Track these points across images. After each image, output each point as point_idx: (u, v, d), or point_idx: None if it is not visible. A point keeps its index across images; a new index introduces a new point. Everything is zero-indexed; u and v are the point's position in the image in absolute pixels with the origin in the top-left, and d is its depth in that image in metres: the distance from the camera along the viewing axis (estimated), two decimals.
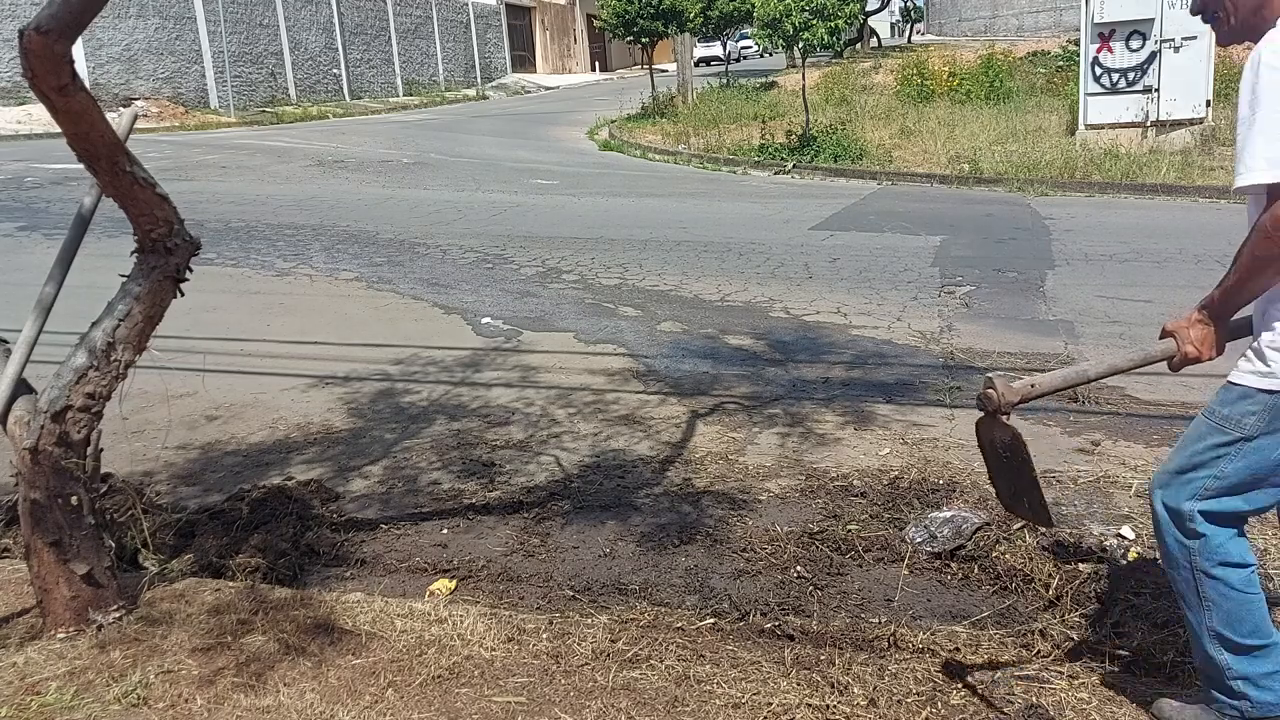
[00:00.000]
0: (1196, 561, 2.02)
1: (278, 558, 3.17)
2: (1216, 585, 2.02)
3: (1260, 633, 2.03)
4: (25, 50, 1.99)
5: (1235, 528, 2.03)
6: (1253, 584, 2.02)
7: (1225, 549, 2.01)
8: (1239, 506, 2.00)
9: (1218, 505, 1.98)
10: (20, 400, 2.58)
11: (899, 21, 42.10)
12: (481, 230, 9.48)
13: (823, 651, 2.55)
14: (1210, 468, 1.98)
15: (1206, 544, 2.01)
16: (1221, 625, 2.04)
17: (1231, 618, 2.02)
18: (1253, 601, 2.02)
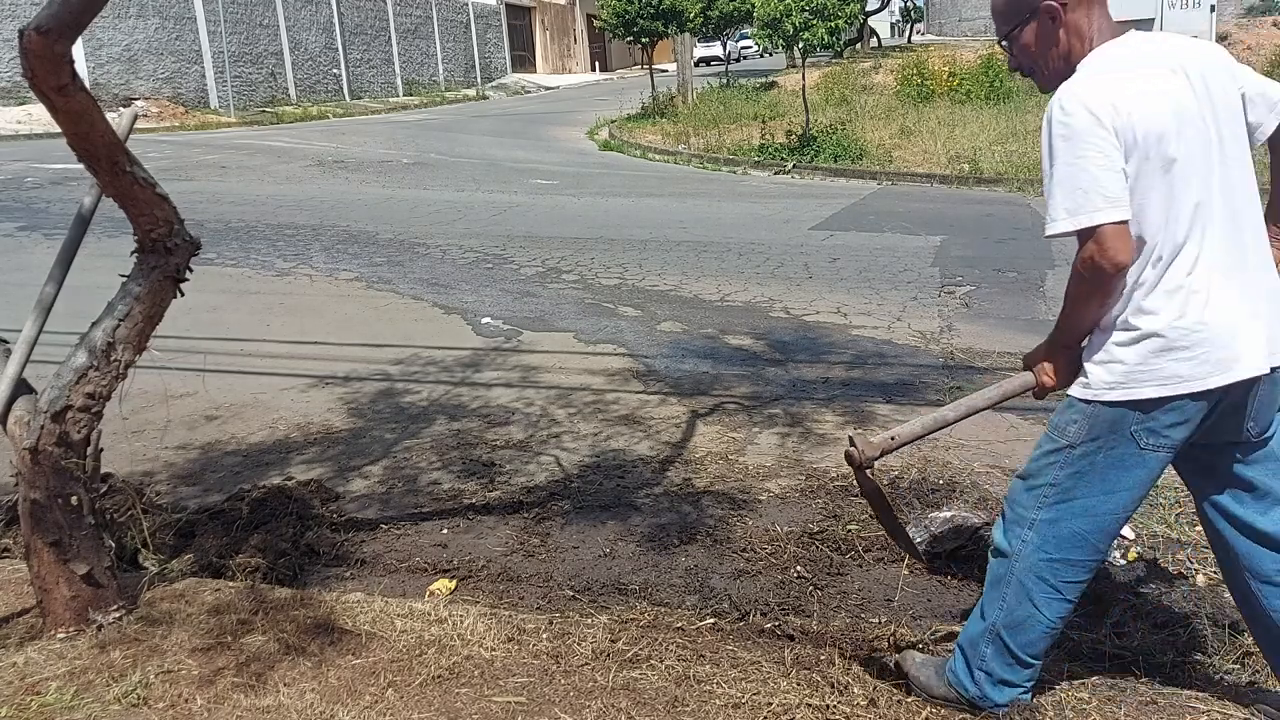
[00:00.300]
0: (1017, 564, 2.08)
1: (278, 558, 3.17)
2: (1022, 593, 2.07)
3: (1031, 650, 2.11)
4: (25, 50, 1.99)
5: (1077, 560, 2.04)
6: (1056, 610, 2.07)
7: (1053, 569, 2.04)
8: (1080, 526, 2.01)
9: (1057, 514, 2.02)
10: (20, 400, 2.58)
11: (899, 21, 42.11)
12: (481, 230, 9.48)
13: (823, 651, 2.55)
14: (1046, 475, 2.03)
15: (1036, 554, 2.05)
16: (1004, 625, 2.11)
17: (1017, 625, 2.09)
18: (1044, 624, 2.08)
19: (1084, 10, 1.99)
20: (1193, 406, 1.88)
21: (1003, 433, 4.37)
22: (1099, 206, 1.82)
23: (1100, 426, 1.94)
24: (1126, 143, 1.84)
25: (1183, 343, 1.85)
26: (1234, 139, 1.92)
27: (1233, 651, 2.48)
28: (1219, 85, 1.93)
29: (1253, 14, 25.79)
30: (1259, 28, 20.97)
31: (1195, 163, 1.86)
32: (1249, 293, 1.87)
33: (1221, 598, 2.67)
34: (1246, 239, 1.90)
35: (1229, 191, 1.88)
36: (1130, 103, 1.85)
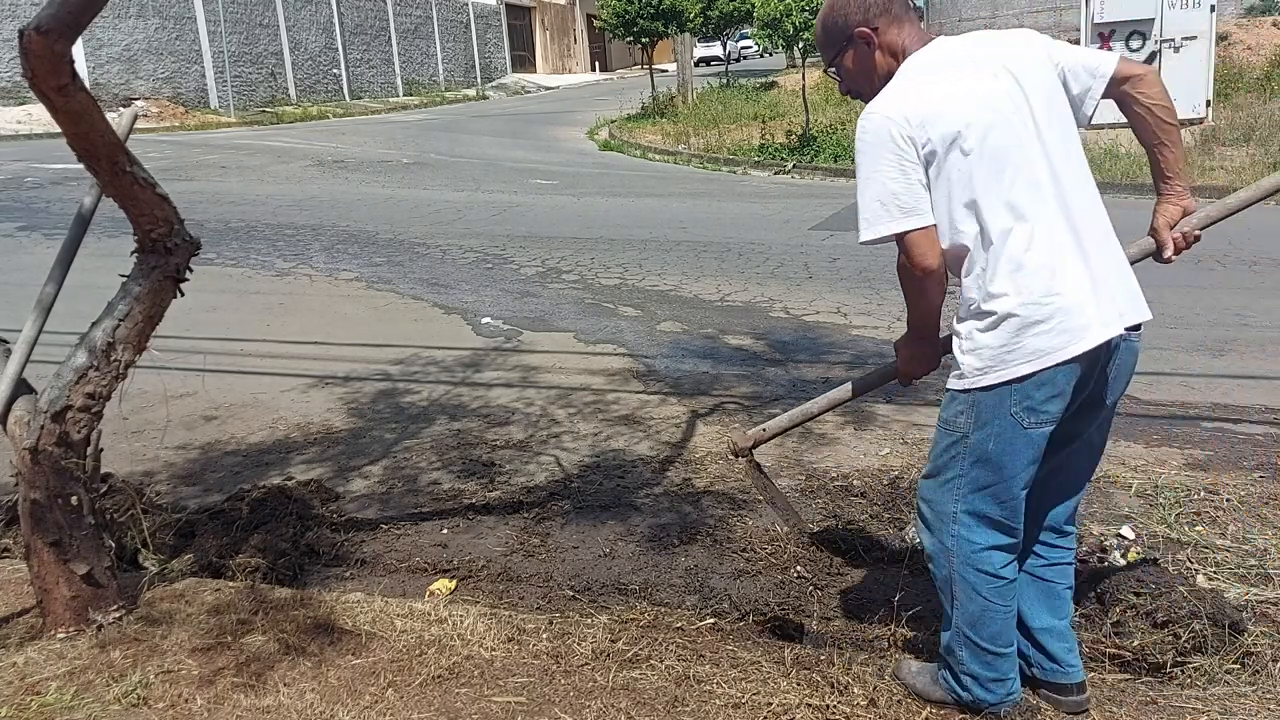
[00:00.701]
0: (954, 562, 2.14)
1: (278, 558, 3.17)
2: (968, 588, 2.13)
3: (999, 640, 2.15)
4: (25, 50, 1.99)
5: (1000, 544, 2.11)
6: (1003, 595, 2.13)
7: (981, 556, 2.11)
8: (995, 511, 2.09)
9: (972, 503, 2.09)
10: (20, 400, 2.59)
11: None
12: (481, 230, 9.48)
13: (823, 651, 2.55)
14: (952, 468, 2.11)
15: (966, 546, 2.12)
16: (965, 624, 2.16)
17: (976, 620, 2.14)
18: (998, 610, 2.13)
19: (895, 30, 2.10)
20: (1062, 377, 1.95)
21: None
22: (895, 217, 1.97)
23: (985, 413, 2.02)
24: (925, 149, 1.95)
25: (1037, 317, 1.92)
26: (1057, 120, 2.00)
27: (1233, 651, 2.48)
28: (1033, 71, 2.01)
29: (1253, 14, 25.78)
30: (1259, 28, 20.93)
31: (1015, 150, 1.94)
32: (1091, 263, 1.95)
33: (1221, 598, 2.67)
34: (1080, 214, 1.97)
35: (1055, 172, 1.96)
36: (926, 109, 1.95)
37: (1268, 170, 11.44)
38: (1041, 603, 2.28)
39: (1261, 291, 6.77)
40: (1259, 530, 3.28)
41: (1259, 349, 5.49)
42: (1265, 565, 3.01)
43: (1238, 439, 4.21)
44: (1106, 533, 3.29)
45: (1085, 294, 1.93)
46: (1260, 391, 4.81)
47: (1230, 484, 3.67)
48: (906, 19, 2.11)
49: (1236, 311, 6.24)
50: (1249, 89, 15.89)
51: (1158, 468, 3.89)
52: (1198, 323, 6.06)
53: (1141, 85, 2.07)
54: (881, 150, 1.97)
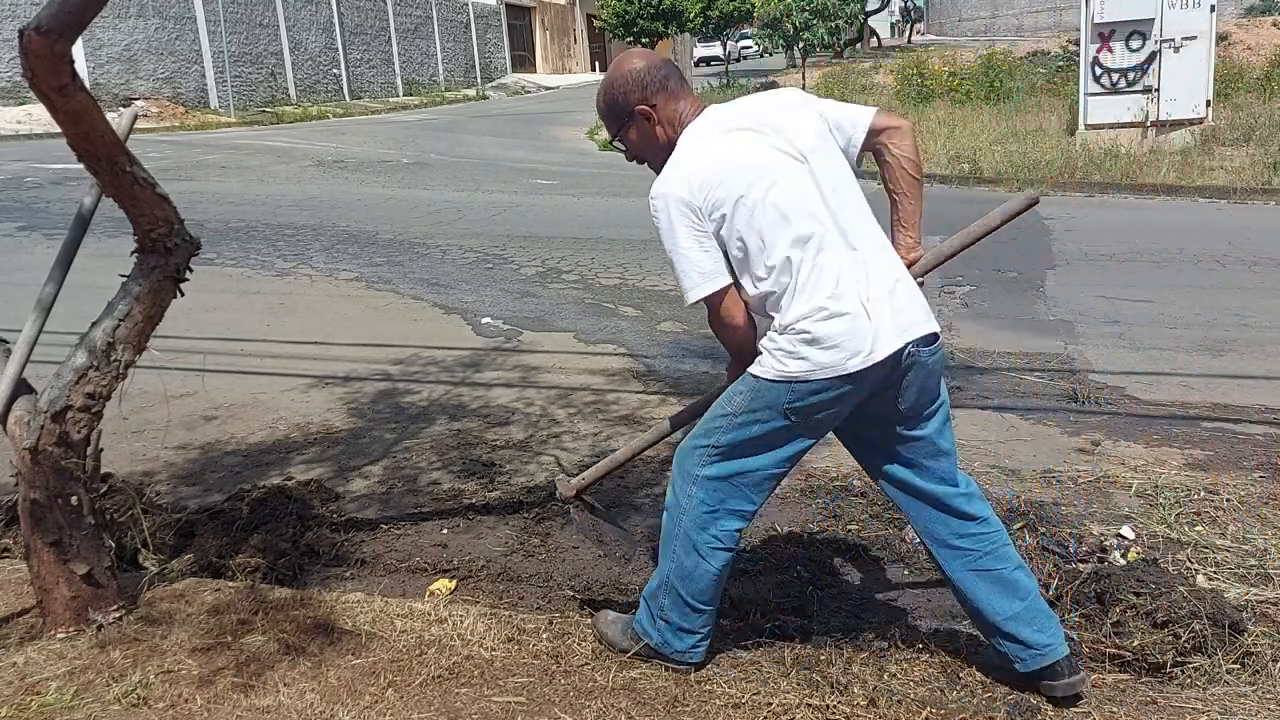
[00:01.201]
0: (684, 519, 2.33)
1: (278, 558, 3.17)
2: (688, 545, 2.33)
3: (702, 598, 2.36)
4: (25, 50, 1.99)
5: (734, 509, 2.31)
6: (718, 559, 2.33)
7: (715, 521, 2.31)
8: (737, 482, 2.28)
9: (717, 471, 2.28)
10: (20, 400, 2.59)
11: (899, 21, 42.07)
12: (481, 230, 9.48)
13: (823, 651, 2.55)
14: (711, 437, 2.28)
15: (699, 507, 2.30)
16: (676, 576, 2.36)
17: (687, 575, 2.35)
18: (709, 573, 2.34)
19: (672, 104, 2.29)
20: (836, 389, 2.13)
21: (1003, 433, 4.38)
22: (697, 283, 2.18)
23: (760, 400, 2.19)
24: (713, 215, 2.15)
25: (821, 333, 2.10)
26: (828, 165, 2.21)
27: (1233, 651, 2.48)
28: (799, 126, 2.22)
29: (1253, 14, 25.78)
30: (1259, 28, 20.94)
31: (790, 195, 2.13)
32: (872, 287, 2.13)
33: (1221, 598, 2.67)
34: (859, 245, 2.17)
35: (833, 211, 2.16)
36: (708, 178, 2.14)
37: (1267, 170, 11.43)
38: (996, 592, 2.32)
39: (1261, 291, 6.77)
40: (1259, 530, 3.28)
41: (1259, 349, 5.49)
42: (1265, 565, 3.01)
43: (1238, 439, 4.21)
44: (1106, 533, 3.29)
45: (865, 316, 2.10)
46: (1260, 391, 4.81)
47: (1230, 484, 3.67)
48: (681, 93, 2.31)
49: (1236, 311, 6.24)
50: (1249, 89, 15.89)
51: (1158, 468, 3.89)
52: (1198, 323, 6.06)
53: (895, 137, 2.28)
54: (676, 225, 2.16)
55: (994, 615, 2.31)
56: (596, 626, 2.57)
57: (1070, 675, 2.28)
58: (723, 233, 2.16)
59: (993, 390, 4.96)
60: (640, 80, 2.28)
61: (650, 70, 2.29)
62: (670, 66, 2.35)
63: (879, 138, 2.28)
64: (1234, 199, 10.82)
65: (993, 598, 2.32)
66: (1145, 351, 5.54)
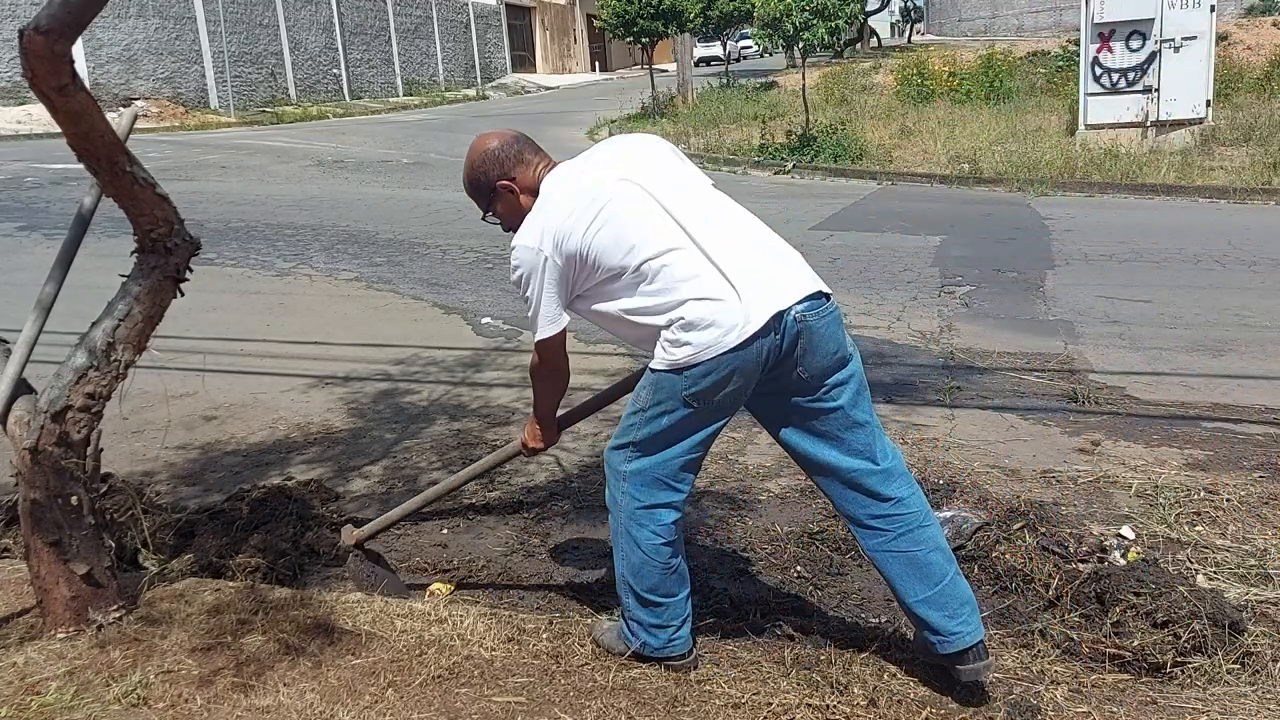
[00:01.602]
0: (621, 516, 2.41)
1: (278, 558, 3.17)
2: (631, 541, 2.39)
3: (658, 591, 2.41)
4: (25, 50, 1.99)
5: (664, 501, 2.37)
6: (660, 552, 2.39)
7: (649, 514, 2.37)
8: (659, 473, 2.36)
9: (640, 466, 2.36)
10: (20, 400, 2.58)
11: (899, 21, 42.06)
12: (481, 230, 9.42)
13: (823, 651, 2.55)
14: (628, 435, 2.38)
15: (632, 503, 2.38)
16: (628, 574, 2.43)
17: (636, 571, 2.41)
18: (655, 565, 2.39)
19: (529, 171, 2.48)
20: (726, 367, 2.21)
21: (1003, 433, 4.38)
22: (544, 327, 2.37)
23: (662, 392, 2.29)
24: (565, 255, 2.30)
25: (693, 317, 2.20)
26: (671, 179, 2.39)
27: (1233, 651, 2.48)
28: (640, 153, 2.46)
29: (1253, 14, 25.77)
30: (1259, 28, 20.93)
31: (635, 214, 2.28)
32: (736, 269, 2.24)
33: (1221, 598, 2.67)
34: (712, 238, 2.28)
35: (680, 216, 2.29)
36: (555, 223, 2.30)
37: (1267, 170, 11.43)
38: (910, 576, 2.35)
39: (1261, 291, 6.77)
40: (1259, 530, 3.29)
41: (1259, 349, 5.49)
42: (1265, 565, 3.01)
43: (1238, 439, 4.21)
44: (1106, 533, 3.30)
45: (732, 293, 2.20)
46: (1260, 391, 4.81)
47: (1230, 484, 3.67)
48: (535, 159, 2.51)
49: (1236, 311, 6.24)
50: (1249, 89, 15.90)
51: (1158, 468, 3.89)
52: (1198, 323, 6.06)
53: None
54: (532, 272, 2.33)
55: (907, 597, 2.36)
56: (593, 635, 2.60)
57: (974, 661, 2.29)
58: (582, 265, 2.31)
59: (993, 390, 4.97)
60: (496, 158, 2.47)
61: (504, 147, 2.48)
62: (523, 139, 2.55)
63: None
64: (1234, 199, 10.83)
65: (904, 579, 2.35)
66: (1145, 351, 5.54)
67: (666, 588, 2.42)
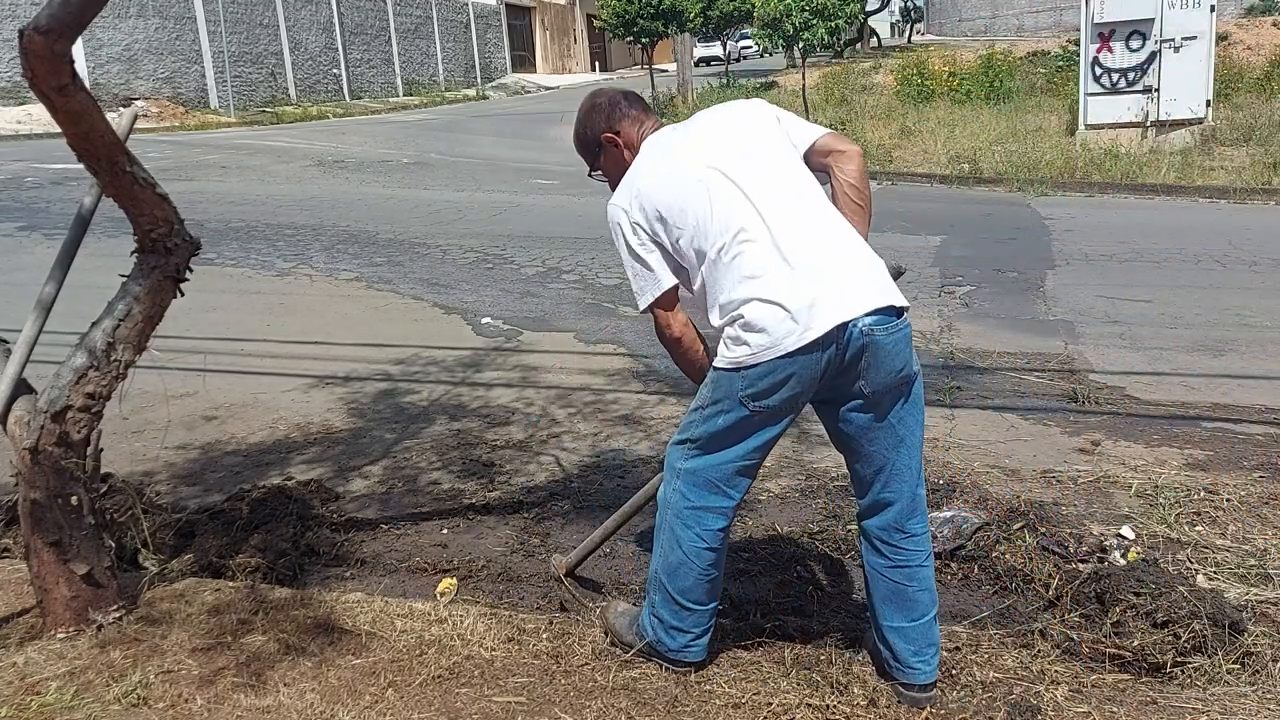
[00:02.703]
0: (668, 513, 2.39)
1: (278, 558, 3.17)
2: (673, 539, 2.37)
3: (689, 595, 2.38)
4: (25, 50, 1.99)
5: (714, 505, 2.34)
6: (701, 557, 2.36)
7: (696, 515, 2.34)
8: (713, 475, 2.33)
9: (695, 465, 2.34)
10: (20, 400, 2.58)
11: (899, 21, 42.07)
12: (481, 230, 9.48)
13: (823, 651, 2.55)
14: (688, 431, 2.36)
15: (681, 501, 2.36)
16: (663, 571, 2.40)
17: (673, 571, 2.38)
18: (693, 568, 2.36)
19: (634, 128, 2.47)
20: (783, 370, 2.18)
21: (1003, 433, 4.38)
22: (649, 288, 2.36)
23: (720, 390, 2.27)
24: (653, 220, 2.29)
25: (754, 317, 2.18)
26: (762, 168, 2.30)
27: (1233, 651, 2.48)
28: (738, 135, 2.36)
29: (1253, 14, 25.77)
30: (1259, 28, 20.93)
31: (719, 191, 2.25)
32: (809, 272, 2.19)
33: (1221, 598, 2.67)
34: (795, 235, 2.22)
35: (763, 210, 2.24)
36: (645, 190, 2.30)
37: (1267, 170, 11.43)
38: (890, 603, 2.38)
39: (1261, 291, 6.77)
40: (1259, 530, 3.29)
41: (1259, 349, 5.49)
42: (1265, 565, 3.01)
43: (1238, 439, 4.21)
44: (1106, 533, 3.30)
45: (804, 299, 2.16)
46: (1260, 391, 4.81)
47: (1230, 484, 3.67)
48: (643, 117, 2.49)
49: (1236, 311, 6.24)
50: (1249, 89, 15.89)
51: (1158, 468, 3.89)
52: (1198, 323, 6.06)
53: (841, 160, 2.37)
54: (623, 236, 2.34)
55: (881, 619, 2.40)
56: (605, 617, 2.59)
57: (920, 693, 2.34)
58: (663, 242, 2.31)
59: (993, 390, 4.96)
60: (604, 112, 2.49)
61: (612, 102, 2.50)
62: (634, 96, 2.54)
63: (826, 159, 2.38)
64: (1234, 199, 10.82)
65: (885, 604, 2.39)
66: (1145, 351, 5.54)
67: (698, 594, 2.38)
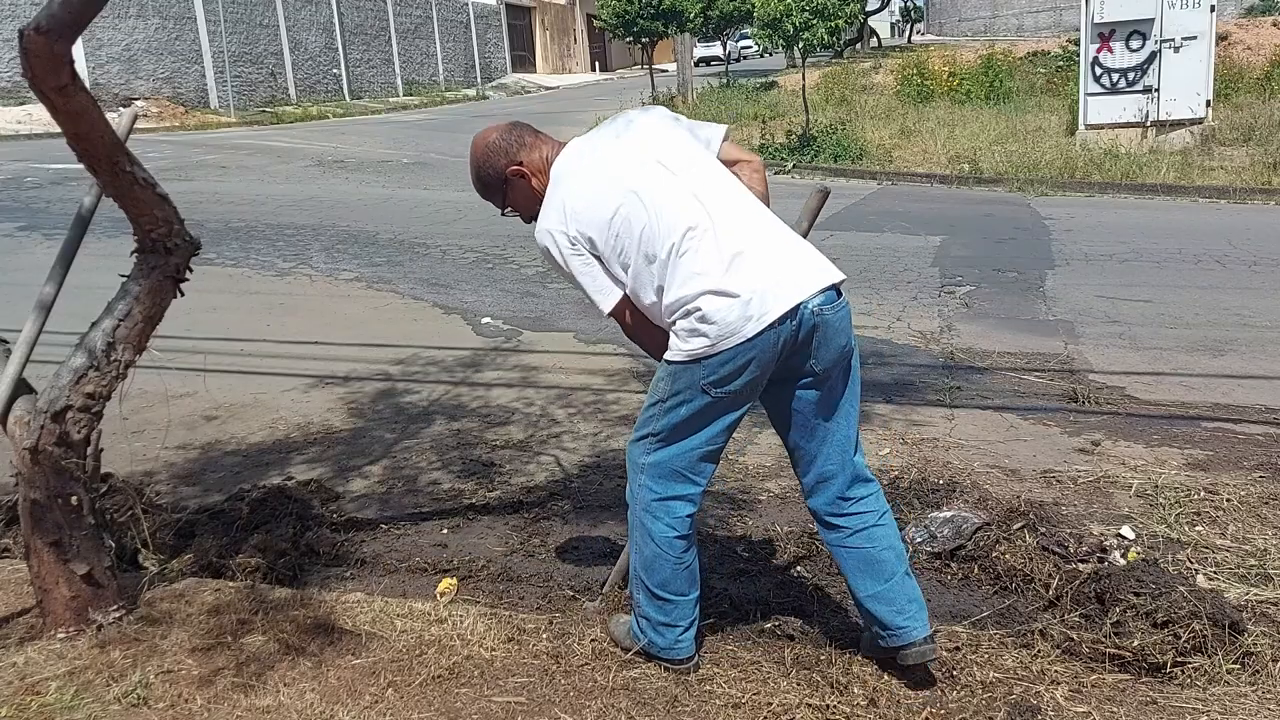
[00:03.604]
0: (637, 509, 2.42)
1: (278, 558, 3.17)
2: (645, 533, 2.40)
3: (668, 588, 2.41)
4: (25, 50, 1.99)
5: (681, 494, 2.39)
6: (675, 546, 2.40)
7: (664, 506, 2.38)
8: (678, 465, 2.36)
9: (658, 458, 2.37)
10: (20, 400, 2.58)
11: (899, 21, 42.08)
12: (481, 230, 9.47)
13: (823, 651, 2.55)
14: (647, 427, 2.38)
15: (648, 494, 2.39)
16: (641, 569, 2.43)
17: (649, 565, 2.41)
18: (667, 559, 2.40)
19: (535, 154, 2.45)
20: (742, 356, 2.22)
21: (1003, 433, 4.38)
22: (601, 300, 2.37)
23: (680, 382, 2.30)
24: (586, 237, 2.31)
25: (711, 308, 2.21)
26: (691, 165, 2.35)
27: (1233, 651, 2.48)
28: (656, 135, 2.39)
29: (1253, 14, 25.78)
30: (1259, 28, 20.94)
31: (658, 196, 2.27)
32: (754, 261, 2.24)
33: (1221, 598, 2.67)
34: (735, 227, 2.27)
35: (705, 203, 2.28)
36: (574, 204, 2.31)
37: (1267, 170, 11.43)
38: (861, 571, 2.43)
39: (1261, 291, 6.77)
40: (1259, 530, 3.29)
41: (1259, 349, 5.49)
42: (1265, 565, 3.01)
43: (1238, 439, 4.21)
44: (1106, 533, 3.30)
45: (756, 285, 2.21)
46: (1260, 391, 4.82)
47: (1230, 484, 3.67)
48: (540, 142, 2.47)
49: (1236, 311, 6.24)
50: (1249, 89, 15.90)
51: (1158, 468, 3.89)
52: (1198, 323, 6.06)
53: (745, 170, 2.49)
54: (562, 256, 2.34)
55: (858, 591, 2.44)
56: (608, 628, 2.61)
57: (922, 645, 2.36)
58: (603, 251, 2.32)
59: (993, 390, 4.97)
60: (500, 147, 2.45)
61: (504, 135, 2.47)
62: (522, 124, 2.53)
63: (733, 168, 2.46)
64: (1234, 199, 10.83)
65: (855, 574, 2.43)
66: (1145, 351, 5.54)
67: (677, 585, 2.42)
